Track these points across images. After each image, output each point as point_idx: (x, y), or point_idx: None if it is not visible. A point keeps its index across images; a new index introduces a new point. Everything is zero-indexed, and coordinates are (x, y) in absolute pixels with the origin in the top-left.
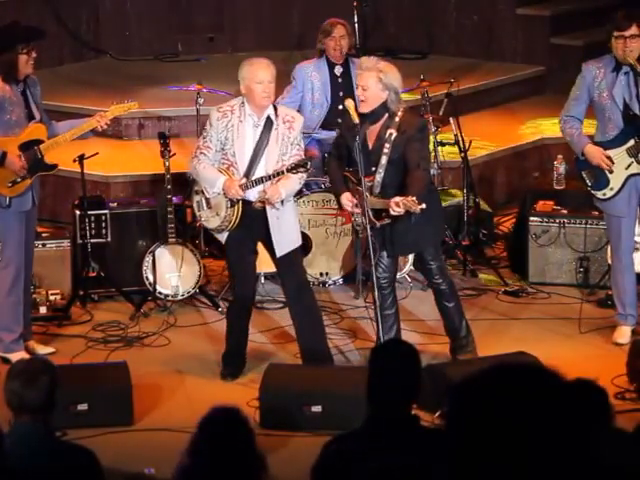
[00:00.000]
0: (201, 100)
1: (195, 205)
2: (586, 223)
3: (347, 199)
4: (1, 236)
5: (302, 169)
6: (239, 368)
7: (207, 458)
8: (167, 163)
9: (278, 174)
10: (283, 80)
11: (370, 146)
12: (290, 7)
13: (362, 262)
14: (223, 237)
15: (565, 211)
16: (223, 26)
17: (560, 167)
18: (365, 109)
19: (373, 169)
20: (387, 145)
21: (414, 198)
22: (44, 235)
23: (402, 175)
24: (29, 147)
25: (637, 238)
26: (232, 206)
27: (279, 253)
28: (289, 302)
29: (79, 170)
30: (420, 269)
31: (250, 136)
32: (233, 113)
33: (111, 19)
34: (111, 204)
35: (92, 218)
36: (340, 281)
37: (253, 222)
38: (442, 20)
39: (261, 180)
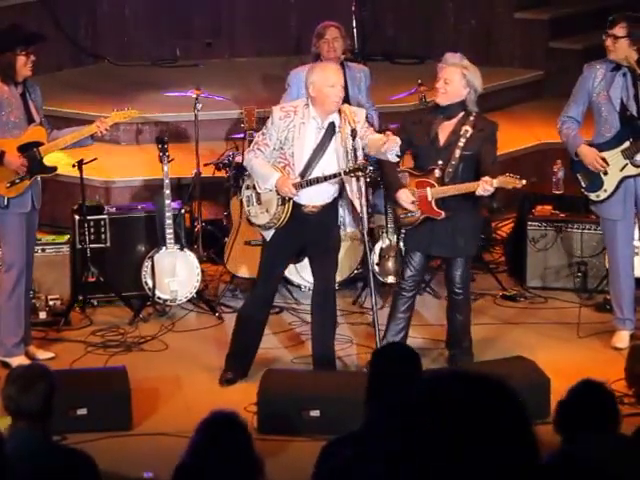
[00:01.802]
0: (199, 105)
1: (245, 200)
2: (584, 228)
3: (405, 195)
4: (1, 238)
5: (360, 173)
6: (240, 374)
7: (205, 462)
8: (165, 168)
9: (334, 176)
10: (281, 85)
11: (442, 141)
12: (288, 12)
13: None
14: (269, 234)
15: (563, 216)
16: (221, 31)
17: (558, 172)
18: (443, 102)
19: (440, 162)
20: (462, 139)
21: (510, 174)
22: (43, 240)
23: (470, 173)
24: (28, 149)
25: (636, 243)
26: (283, 204)
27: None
28: (313, 303)
29: (78, 175)
30: (445, 275)
31: (311, 138)
32: (296, 114)
33: (109, 24)
34: (110, 209)
35: (91, 223)
36: (338, 286)
37: (302, 226)
38: (440, 24)
39: (316, 180)
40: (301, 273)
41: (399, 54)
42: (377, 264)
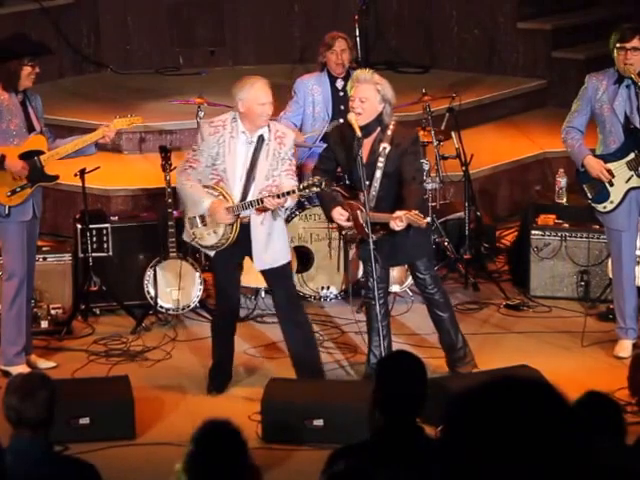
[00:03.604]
0: (202, 114)
1: (188, 223)
2: (587, 237)
3: (340, 213)
4: (2, 247)
5: (315, 188)
6: (225, 382)
7: (202, 471)
8: (168, 177)
9: (259, 202)
10: (284, 94)
11: (365, 159)
12: (291, 21)
13: (356, 276)
14: (212, 251)
15: (567, 225)
16: (224, 40)
17: (561, 181)
18: (362, 121)
19: (367, 183)
20: (381, 159)
21: (417, 212)
22: (45, 249)
23: (396, 188)
24: (29, 157)
25: (639, 252)
26: (231, 224)
27: (258, 268)
28: (279, 316)
29: (80, 184)
30: (414, 280)
31: (242, 153)
32: (225, 128)
33: (112, 32)
34: (112, 218)
35: (93, 232)
36: (342, 295)
37: (242, 238)
38: (443, 34)
39: (250, 204)
40: (307, 283)
41: (402, 64)
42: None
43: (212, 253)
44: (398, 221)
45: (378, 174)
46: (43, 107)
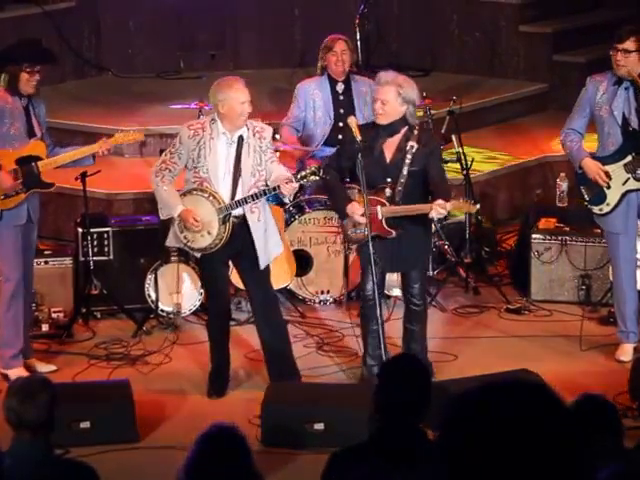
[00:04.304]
0: (203, 117)
1: (177, 227)
2: (588, 241)
3: (356, 207)
4: None
5: (314, 177)
6: (224, 386)
7: (204, 476)
8: None
9: (253, 197)
10: (285, 98)
11: (388, 158)
12: (292, 24)
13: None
14: (201, 253)
15: (567, 228)
16: (225, 43)
17: (562, 184)
18: (383, 121)
19: (389, 180)
20: (408, 157)
21: (466, 199)
22: (46, 252)
23: (420, 188)
24: (27, 163)
25: (639, 256)
26: (224, 223)
27: (262, 265)
28: (255, 316)
29: (81, 188)
30: (402, 287)
31: (223, 153)
32: (204, 130)
33: (113, 36)
34: (113, 221)
35: (94, 236)
36: (342, 299)
37: (232, 238)
38: (445, 37)
39: (244, 201)
40: (307, 286)
41: (403, 67)
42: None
43: (199, 255)
44: (440, 207)
45: (405, 171)
46: (46, 111)
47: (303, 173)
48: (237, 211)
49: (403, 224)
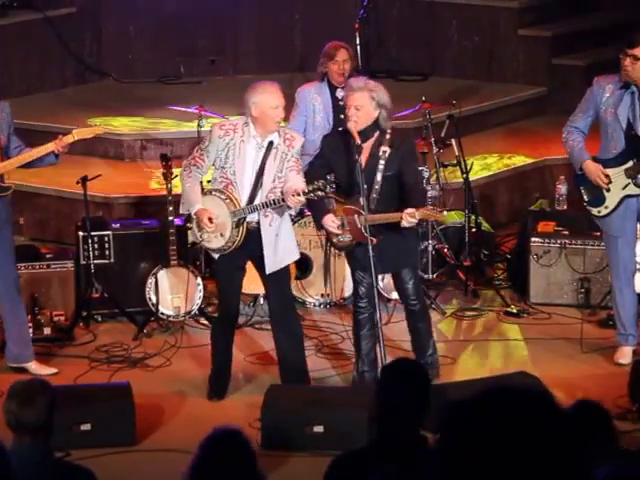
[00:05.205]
0: (203, 122)
1: (195, 225)
2: (587, 244)
3: (331, 220)
4: None
5: (320, 192)
6: (225, 388)
7: (209, 478)
8: (169, 185)
9: (265, 205)
10: (285, 102)
11: (363, 164)
12: (291, 30)
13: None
14: (217, 254)
15: (566, 232)
16: (225, 49)
17: (562, 188)
18: (358, 127)
19: (365, 186)
20: (382, 162)
21: (431, 207)
22: (47, 256)
23: (396, 191)
24: None
25: (639, 259)
26: (237, 227)
27: (269, 271)
28: (271, 320)
29: (82, 191)
30: (397, 289)
31: (251, 157)
32: (236, 132)
33: (114, 42)
34: (114, 225)
35: (95, 239)
36: (340, 302)
37: (248, 241)
38: (444, 42)
39: (258, 207)
40: (306, 289)
41: (403, 71)
42: (381, 280)
43: (217, 256)
44: (410, 217)
45: (379, 177)
46: (11, 117)
47: (310, 187)
48: (253, 216)
49: (382, 230)
